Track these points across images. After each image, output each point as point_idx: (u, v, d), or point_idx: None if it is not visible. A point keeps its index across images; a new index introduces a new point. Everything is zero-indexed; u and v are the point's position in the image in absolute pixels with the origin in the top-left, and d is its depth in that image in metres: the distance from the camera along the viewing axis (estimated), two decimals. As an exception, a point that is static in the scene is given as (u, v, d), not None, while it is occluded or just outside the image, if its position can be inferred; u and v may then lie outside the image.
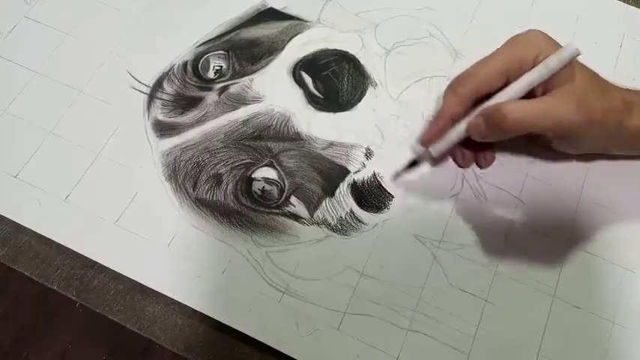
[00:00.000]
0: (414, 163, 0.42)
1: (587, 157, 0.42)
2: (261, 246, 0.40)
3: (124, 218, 0.41)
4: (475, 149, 0.42)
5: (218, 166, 0.42)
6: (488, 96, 0.38)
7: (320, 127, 0.44)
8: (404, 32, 0.48)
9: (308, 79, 0.46)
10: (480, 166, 0.43)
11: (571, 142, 0.40)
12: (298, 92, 0.45)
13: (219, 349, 0.38)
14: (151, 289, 0.39)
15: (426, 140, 0.40)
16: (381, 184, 0.42)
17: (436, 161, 0.42)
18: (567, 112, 0.36)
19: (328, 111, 0.44)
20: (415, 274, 0.40)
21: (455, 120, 0.39)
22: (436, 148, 0.40)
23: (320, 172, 0.42)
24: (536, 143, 0.42)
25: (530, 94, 0.38)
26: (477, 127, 0.38)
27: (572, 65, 0.37)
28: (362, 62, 0.46)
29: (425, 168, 0.43)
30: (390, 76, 0.46)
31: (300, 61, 0.46)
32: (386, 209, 0.42)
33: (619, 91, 0.39)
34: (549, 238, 0.41)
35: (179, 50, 0.47)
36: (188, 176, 0.42)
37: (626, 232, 0.41)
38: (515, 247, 0.40)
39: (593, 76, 0.38)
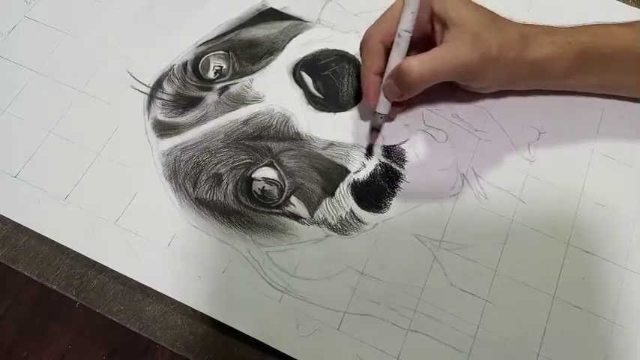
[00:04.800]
0: (373, 129, 0.43)
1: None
2: (261, 246, 0.40)
3: (124, 218, 0.41)
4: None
5: (218, 166, 0.42)
6: None
7: (320, 127, 0.44)
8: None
9: (308, 79, 0.46)
10: None
11: (476, 81, 0.41)
12: (298, 92, 0.45)
13: (219, 349, 0.38)
14: (151, 289, 0.39)
15: (368, 102, 0.41)
16: (381, 184, 0.42)
17: (390, 117, 0.44)
18: (463, 53, 0.38)
19: (328, 111, 0.44)
20: (415, 274, 0.40)
21: (381, 73, 0.40)
22: (380, 107, 0.41)
23: (320, 172, 0.42)
24: (453, 87, 0.44)
25: (432, 45, 0.39)
26: (391, 89, 0.39)
27: (464, 7, 0.39)
28: (362, 62, 0.46)
29: (425, 168, 0.43)
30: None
31: (301, 61, 0.46)
32: (386, 209, 0.42)
33: (515, 26, 0.40)
34: (549, 238, 0.41)
35: (179, 50, 0.47)
36: (188, 176, 0.42)
37: (626, 232, 0.41)
38: (515, 247, 0.40)
39: (487, 15, 0.40)
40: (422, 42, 0.41)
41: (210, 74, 0.46)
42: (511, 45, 0.39)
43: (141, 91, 0.45)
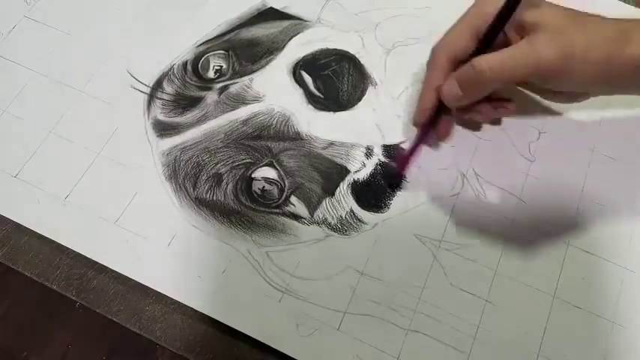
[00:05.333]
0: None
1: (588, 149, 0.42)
2: (261, 246, 0.40)
3: (124, 218, 0.41)
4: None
5: (218, 165, 0.42)
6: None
7: (320, 126, 0.44)
8: (404, 32, 0.48)
9: (308, 79, 0.45)
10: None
11: (561, 83, 0.37)
12: (298, 92, 0.45)
13: (219, 349, 0.38)
14: (151, 289, 0.39)
15: (420, 119, 0.40)
16: (381, 184, 0.42)
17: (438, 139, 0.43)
18: (542, 49, 0.34)
19: (328, 110, 0.44)
20: (415, 274, 0.40)
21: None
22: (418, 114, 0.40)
23: (320, 171, 0.42)
24: (527, 90, 0.41)
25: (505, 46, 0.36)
26: (450, 92, 0.37)
27: (540, 7, 0.35)
28: (362, 62, 0.46)
29: (425, 168, 0.43)
30: (391, 76, 0.46)
31: (301, 60, 0.46)
32: (386, 209, 0.41)
33: (609, 20, 0.36)
34: (549, 238, 0.41)
35: (179, 50, 0.47)
36: (188, 176, 0.42)
37: (626, 232, 0.41)
38: (515, 247, 0.40)
39: (569, 12, 0.36)
40: None
41: (210, 74, 0.46)
42: (603, 39, 0.34)
43: (141, 91, 0.45)
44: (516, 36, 0.37)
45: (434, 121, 0.40)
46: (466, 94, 0.37)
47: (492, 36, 0.36)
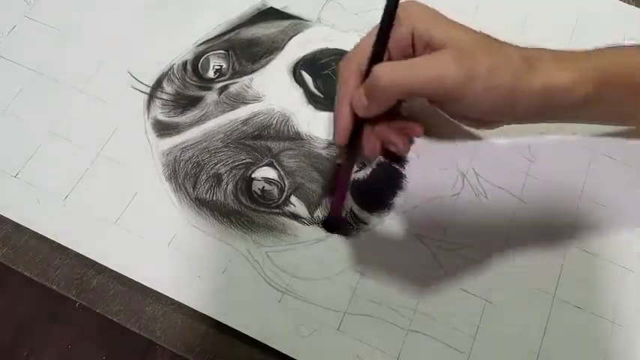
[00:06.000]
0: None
1: (586, 156, 0.42)
2: (261, 246, 0.40)
3: (124, 218, 0.41)
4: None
5: (218, 165, 0.42)
6: None
7: (320, 126, 0.44)
8: (404, 32, 0.48)
9: (308, 79, 0.45)
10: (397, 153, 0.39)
11: (463, 104, 0.35)
12: (298, 91, 0.45)
13: (219, 349, 0.38)
14: (150, 289, 0.39)
15: (341, 138, 0.37)
16: (381, 184, 0.42)
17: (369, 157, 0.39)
18: (445, 65, 0.33)
19: (329, 110, 0.44)
20: (415, 274, 0.40)
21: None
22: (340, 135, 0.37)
23: (320, 171, 0.42)
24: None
25: None
26: (359, 100, 0.35)
27: (450, 27, 0.35)
28: (362, 62, 0.46)
29: (425, 168, 0.43)
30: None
31: (301, 60, 0.46)
32: (386, 209, 0.41)
33: (515, 48, 0.35)
34: (549, 238, 0.41)
35: (179, 50, 0.47)
36: (188, 176, 0.42)
37: (626, 232, 0.41)
38: (515, 246, 0.40)
39: (478, 35, 0.35)
40: None
41: (210, 74, 0.46)
42: (507, 66, 0.33)
43: (141, 91, 0.45)
44: (421, 47, 0.36)
45: (355, 138, 0.37)
46: (372, 102, 0.34)
47: (383, 42, 0.34)
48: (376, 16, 0.42)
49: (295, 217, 0.41)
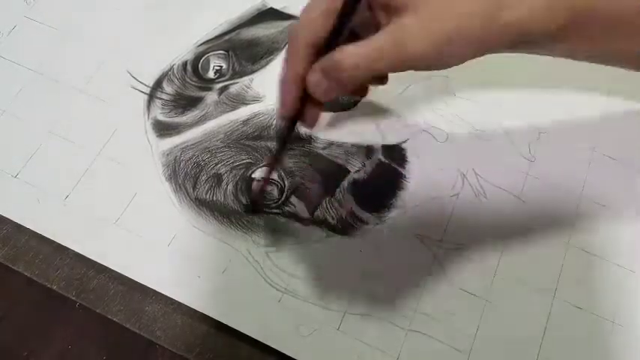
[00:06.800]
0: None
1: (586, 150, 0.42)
2: (261, 246, 0.40)
3: (124, 218, 0.41)
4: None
5: (218, 165, 0.42)
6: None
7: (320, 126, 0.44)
8: (404, 32, 0.48)
9: (308, 79, 0.45)
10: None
11: (428, 68, 0.32)
12: (298, 92, 0.45)
13: (219, 349, 0.38)
14: (150, 289, 0.39)
15: (286, 113, 0.35)
16: (381, 184, 0.42)
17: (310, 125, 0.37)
18: (410, 40, 0.30)
19: (328, 110, 0.44)
20: (415, 274, 0.40)
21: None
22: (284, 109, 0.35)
23: (320, 171, 0.42)
24: None
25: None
26: (319, 85, 0.32)
27: None
28: (362, 62, 0.46)
29: (425, 168, 0.43)
30: (391, 75, 0.46)
31: (300, 60, 0.46)
32: (386, 209, 0.41)
33: None
34: (549, 238, 0.41)
35: (179, 50, 0.47)
36: (188, 176, 0.42)
37: (626, 232, 0.41)
38: (515, 246, 0.40)
39: None
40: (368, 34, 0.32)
41: (210, 74, 0.46)
42: (476, 14, 0.30)
43: (141, 91, 0.45)
44: (386, 17, 0.32)
45: (300, 113, 0.35)
46: (333, 87, 0.32)
47: (344, 21, 0.31)
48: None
49: (295, 217, 0.41)
